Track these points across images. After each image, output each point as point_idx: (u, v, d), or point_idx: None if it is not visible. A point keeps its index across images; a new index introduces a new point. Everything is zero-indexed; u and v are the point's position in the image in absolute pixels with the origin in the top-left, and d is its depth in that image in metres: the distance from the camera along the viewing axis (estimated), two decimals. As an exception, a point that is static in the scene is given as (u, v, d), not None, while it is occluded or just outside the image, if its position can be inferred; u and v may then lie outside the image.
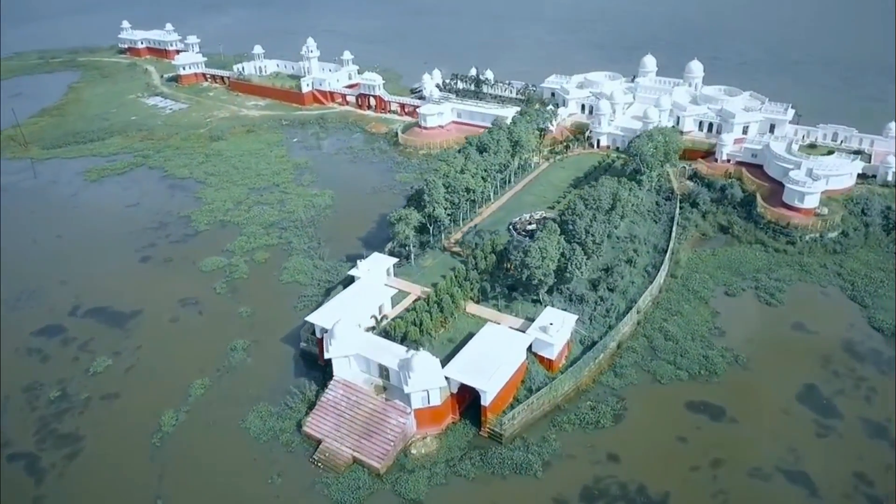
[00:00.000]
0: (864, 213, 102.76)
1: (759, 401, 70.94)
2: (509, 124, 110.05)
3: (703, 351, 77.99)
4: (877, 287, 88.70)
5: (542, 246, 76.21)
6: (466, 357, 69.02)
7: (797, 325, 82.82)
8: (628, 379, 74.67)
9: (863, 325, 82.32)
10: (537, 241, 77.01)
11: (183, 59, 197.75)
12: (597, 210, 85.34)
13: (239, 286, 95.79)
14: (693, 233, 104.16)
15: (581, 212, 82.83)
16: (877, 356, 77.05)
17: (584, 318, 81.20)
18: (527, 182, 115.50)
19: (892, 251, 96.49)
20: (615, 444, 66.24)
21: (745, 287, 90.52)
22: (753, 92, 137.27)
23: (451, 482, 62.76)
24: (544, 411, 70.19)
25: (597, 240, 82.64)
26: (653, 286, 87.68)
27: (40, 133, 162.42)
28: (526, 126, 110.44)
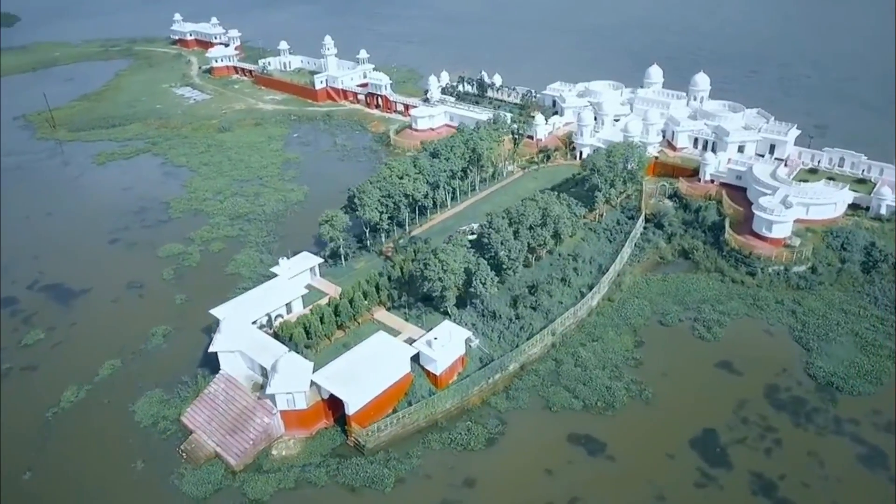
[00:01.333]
0: (844, 247, 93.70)
1: (647, 441, 66.35)
2: (470, 131, 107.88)
3: (608, 381, 73.80)
4: (830, 330, 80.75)
5: (442, 258, 74.41)
6: (341, 364, 68.57)
7: (723, 364, 76.72)
8: (518, 402, 71.79)
9: (797, 370, 75.23)
10: (439, 253, 75.25)
11: (215, 52, 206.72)
12: (520, 225, 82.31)
13: (185, 274, 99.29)
14: (650, 255, 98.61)
15: (499, 226, 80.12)
16: (798, 406, 70.24)
17: (493, 336, 78.94)
18: (492, 191, 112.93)
19: (865, 292, 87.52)
20: (477, 469, 63.90)
21: (684, 318, 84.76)
22: (761, 109, 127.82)
23: (299, 487, 62.60)
24: (418, 427, 68.74)
25: (512, 255, 79.72)
26: (578, 308, 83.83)
27: (72, 116, 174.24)
28: (489, 133, 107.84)
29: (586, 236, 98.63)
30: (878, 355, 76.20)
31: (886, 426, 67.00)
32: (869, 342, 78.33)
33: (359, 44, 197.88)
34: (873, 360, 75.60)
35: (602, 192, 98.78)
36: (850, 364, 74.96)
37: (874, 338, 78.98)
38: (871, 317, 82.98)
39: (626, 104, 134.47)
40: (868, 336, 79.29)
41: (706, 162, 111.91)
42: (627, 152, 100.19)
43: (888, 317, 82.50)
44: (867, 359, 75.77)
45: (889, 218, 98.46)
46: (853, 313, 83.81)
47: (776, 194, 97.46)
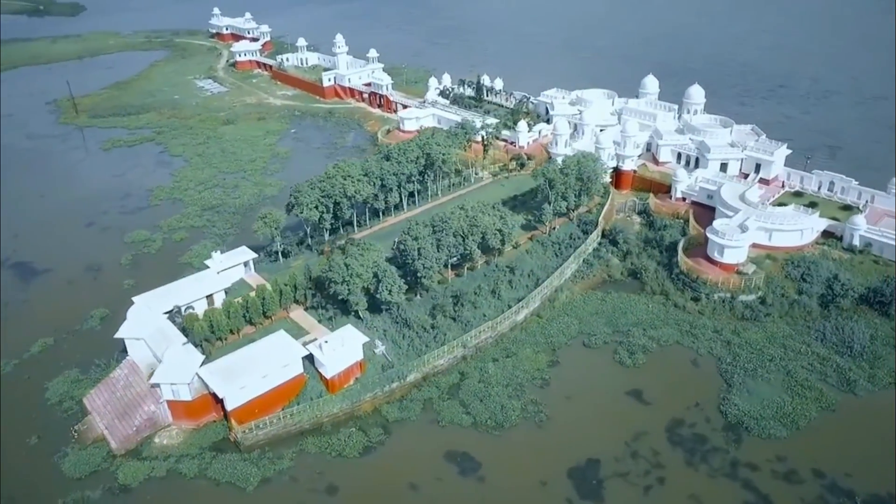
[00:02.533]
0: (804, 278, 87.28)
1: (525, 465, 64.07)
2: (427, 136, 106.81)
3: (506, 400, 71.67)
4: (761, 365, 75.49)
5: (348, 262, 74.15)
6: (232, 360, 69.59)
7: (634, 392, 73.05)
8: (409, 413, 70.78)
9: (710, 405, 70.72)
10: (344, 257, 75.01)
11: (239, 47, 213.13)
12: (443, 234, 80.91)
13: (142, 260, 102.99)
14: (598, 273, 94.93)
15: (417, 234, 79.03)
16: (697, 444, 66.07)
17: (403, 344, 78.04)
18: (452, 197, 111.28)
19: (816, 328, 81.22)
20: (343, 477, 63.43)
21: (610, 340, 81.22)
22: (755, 126, 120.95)
23: (169, 477, 63.93)
24: (302, 429, 68.84)
25: (427, 264, 78.43)
26: (498, 322, 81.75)
27: (97, 103, 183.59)
28: (448, 139, 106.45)
29: (531, 249, 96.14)
30: (805, 397, 70.80)
31: (786, 475, 62.20)
32: (800, 382, 72.86)
33: (387, 43, 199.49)
34: (797, 401, 70.29)
35: (551, 203, 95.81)
36: (770, 404, 69.99)
37: (807, 378, 73.41)
38: (812, 355, 77.14)
39: (615, 114, 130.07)
40: (801, 375, 73.76)
41: (677, 179, 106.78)
42: (583, 165, 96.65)
43: (831, 357, 76.49)
44: (791, 400, 70.56)
45: (861, 249, 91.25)
46: (794, 349, 78.11)
47: (734, 217, 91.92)
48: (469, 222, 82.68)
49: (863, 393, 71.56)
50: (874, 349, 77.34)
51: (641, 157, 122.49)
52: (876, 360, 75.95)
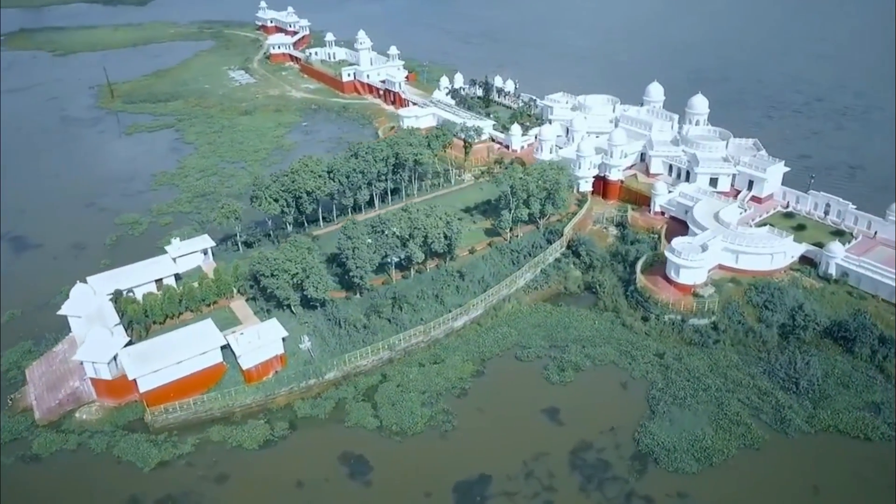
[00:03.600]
0: (767, 305, 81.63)
1: (416, 474, 63.26)
2: (399, 136, 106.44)
3: (418, 407, 70.87)
4: (693, 394, 71.28)
5: (275, 257, 75.19)
6: (154, 344, 72.16)
7: (551, 411, 70.59)
8: (320, 411, 71.23)
9: (625, 431, 67.37)
10: (275, 251, 76.09)
11: (274, 40, 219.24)
12: (381, 234, 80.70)
13: (124, 242, 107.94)
14: (554, 284, 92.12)
15: (352, 233, 79.13)
16: (598, 471, 63.20)
17: (331, 341, 78.45)
18: (429, 197, 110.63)
19: (768, 359, 75.88)
20: (236, 468, 64.58)
21: (544, 355, 78.80)
22: (757, 141, 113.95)
23: (78, 451, 67.01)
24: (213, 416, 70.50)
25: (359, 263, 78.40)
26: (432, 326, 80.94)
27: (133, 90, 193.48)
28: (420, 140, 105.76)
29: (489, 255, 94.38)
30: (729, 432, 66.43)
31: (681, 512, 58.78)
32: (729, 416, 68.41)
33: (420, 41, 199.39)
34: (720, 436, 66.05)
35: (511, 211, 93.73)
36: (689, 436, 66.08)
37: (738, 412, 68.82)
38: (753, 388, 72.26)
39: (612, 121, 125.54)
40: (733, 409, 69.22)
41: (656, 192, 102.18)
42: (545, 174, 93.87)
43: (773, 392, 71.40)
44: (713, 434, 66.39)
45: (837, 279, 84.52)
46: (735, 380, 73.39)
47: (698, 236, 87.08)
48: (410, 224, 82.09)
49: (796, 434, 66.45)
50: (824, 388, 71.62)
51: (635, 167, 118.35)
52: (823, 399, 70.32)
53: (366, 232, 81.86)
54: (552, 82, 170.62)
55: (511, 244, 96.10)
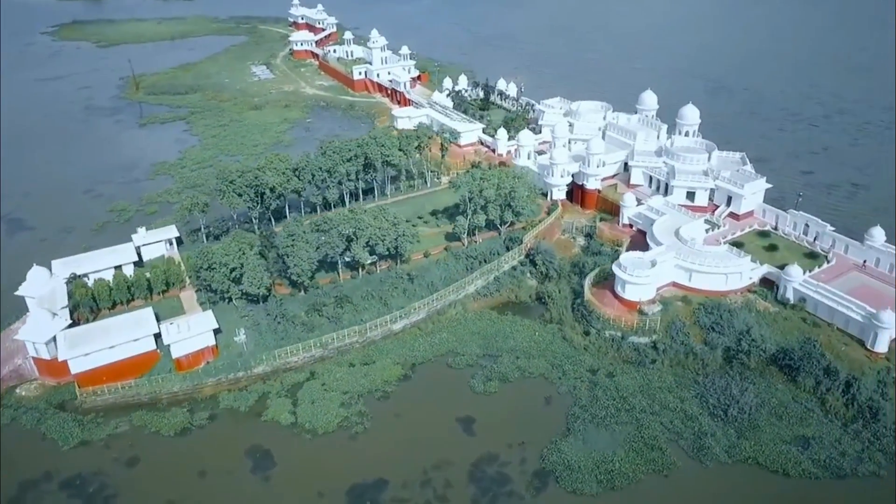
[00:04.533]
0: (714, 327, 78.35)
1: (315, 473, 63.72)
2: (369, 137, 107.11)
3: (336, 406, 71.50)
4: (615, 415, 69.23)
5: (213, 251, 77.18)
6: (90, 328, 75.32)
7: (466, 421, 69.86)
8: (240, 404, 72.68)
9: (535, 448, 65.86)
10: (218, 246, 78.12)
11: (297, 37, 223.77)
12: (324, 233, 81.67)
13: (109, 227, 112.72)
14: (506, 293, 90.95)
15: (294, 232, 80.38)
16: (496, 485, 62.18)
17: (267, 336, 79.86)
18: (401, 198, 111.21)
19: (705, 383, 72.86)
20: (148, 453, 66.70)
21: (475, 363, 78.11)
22: (744, 155, 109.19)
23: (11, 426, 70.50)
24: (140, 401, 73.04)
25: (296, 262, 79.54)
26: (368, 328, 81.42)
27: (158, 82, 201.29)
28: (392, 141, 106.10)
29: (444, 259, 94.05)
30: (641, 456, 64.34)
31: (567, 534, 57.37)
32: (646, 439, 66.26)
33: (444, 41, 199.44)
34: (629, 459, 64.08)
35: (467, 216, 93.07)
36: (597, 457, 64.31)
37: (656, 436, 66.56)
38: (680, 412, 69.71)
39: (601, 129, 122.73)
40: (651, 432, 67.00)
41: (624, 204, 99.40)
42: (501, 180, 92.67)
43: (700, 417, 68.67)
44: (624, 456, 64.43)
45: (794, 304, 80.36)
46: (663, 403, 70.92)
47: (649, 252, 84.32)
48: (355, 225, 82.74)
49: (711, 463, 63.75)
50: (755, 417, 68.35)
51: (618, 176, 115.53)
52: (751, 429, 67.12)
53: (310, 230, 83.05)
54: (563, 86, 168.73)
55: (468, 250, 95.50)
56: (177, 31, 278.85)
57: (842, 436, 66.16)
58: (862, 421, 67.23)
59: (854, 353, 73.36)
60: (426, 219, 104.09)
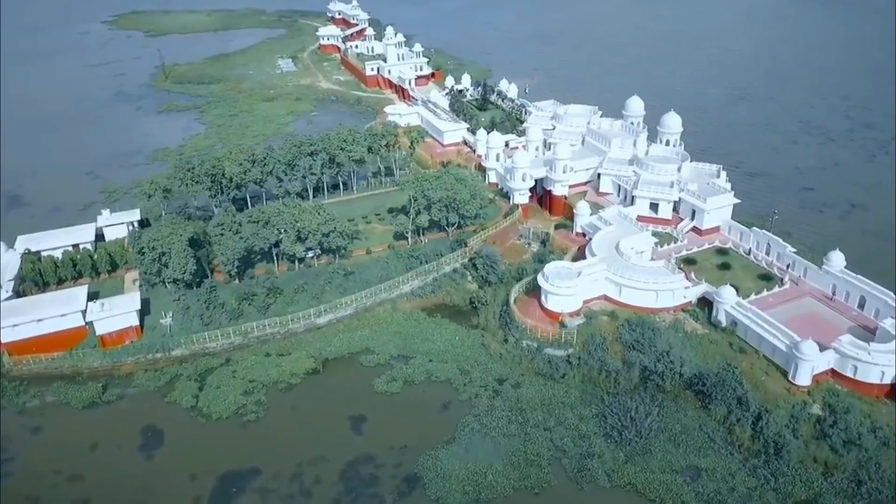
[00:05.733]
0: (634, 345, 74.80)
1: (195, 456, 65.40)
2: (331, 134, 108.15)
3: (234, 394, 72.98)
4: (504, 426, 67.44)
5: (144, 235, 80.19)
6: (24, 302, 79.98)
7: (358, 420, 69.78)
8: (151, 384, 75.49)
9: (414, 454, 64.96)
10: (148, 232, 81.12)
11: (324, 31, 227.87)
12: (256, 224, 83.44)
13: (95, 208, 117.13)
14: (442, 295, 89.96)
15: (223, 221, 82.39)
16: (362, 486, 61.94)
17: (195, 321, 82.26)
18: (365, 195, 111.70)
19: (610, 402, 69.71)
20: (52, 423, 70.51)
21: (386, 363, 77.88)
22: (721, 167, 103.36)
23: (-60, 388, 76.05)
24: (62, 373, 76.82)
25: (222, 250, 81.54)
26: (290, 320, 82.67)
27: (186, 71, 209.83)
28: (356, 138, 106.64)
29: (386, 258, 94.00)
30: (517, 472, 62.57)
31: (414, 542, 56.46)
32: (528, 454, 64.35)
33: (472, 39, 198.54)
34: (504, 473, 62.43)
35: (411, 217, 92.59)
36: (472, 468, 62.91)
37: (539, 453, 64.51)
38: (574, 430, 67.29)
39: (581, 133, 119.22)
40: (536, 448, 65.02)
41: (577, 212, 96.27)
42: (443, 182, 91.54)
43: (593, 437, 66.06)
44: (501, 470, 62.72)
45: (726, 327, 75.69)
46: (561, 419, 68.60)
47: (578, 263, 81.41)
48: (285, 219, 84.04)
49: (589, 486, 61.26)
50: (652, 442, 65.12)
51: (591, 183, 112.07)
52: (642, 454, 64.04)
53: (246, 221, 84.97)
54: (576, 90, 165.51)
55: (412, 249, 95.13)
56: (222, 23, 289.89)
57: (738, 470, 62.22)
58: (764, 457, 63.05)
59: (773, 385, 68.60)
60: (382, 216, 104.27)
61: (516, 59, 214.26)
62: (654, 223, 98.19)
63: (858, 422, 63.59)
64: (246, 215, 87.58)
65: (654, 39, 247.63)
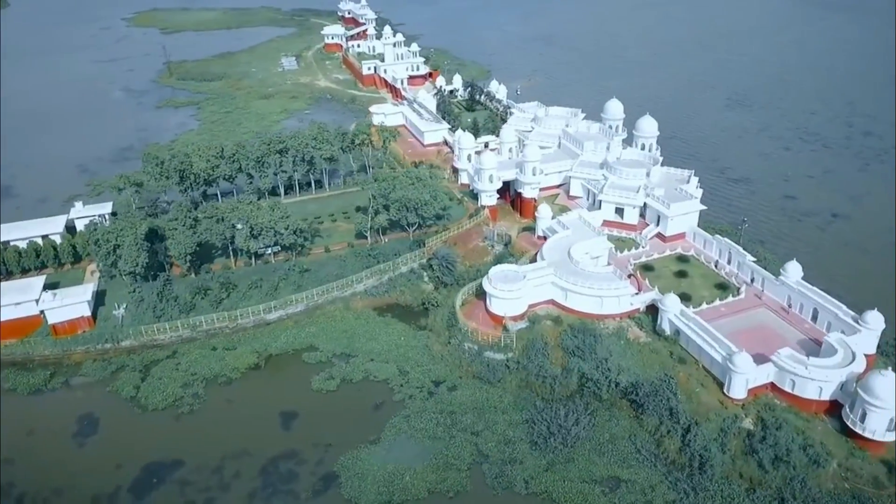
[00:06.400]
0: (574, 352, 73.65)
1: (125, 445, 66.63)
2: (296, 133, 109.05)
3: (173, 386, 74.33)
4: (430, 428, 67.13)
5: (98, 229, 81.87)
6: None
7: (289, 416, 70.26)
8: (98, 374, 77.35)
9: (337, 452, 65.05)
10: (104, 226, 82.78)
11: (329, 30, 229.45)
12: (218, 221, 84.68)
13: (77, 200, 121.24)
14: (397, 295, 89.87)
15: (181, 218, 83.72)
16: (280, 481, 62.43)
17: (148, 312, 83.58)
18: (337, 192, 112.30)
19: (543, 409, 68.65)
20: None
21: (327, 360, 78.46)
22: (692, 173, 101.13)
23: None
24: (14, 360, 78.82)
25: (174, 244, 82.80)
26: (240, 315, 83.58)
27: (191, 69, 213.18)
28: (326, 137, 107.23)
29: (344, 256, 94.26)
30: (436, 475, 62.27)
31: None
32: (449, 458, 64.05)
33: (479, 40, 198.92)
34: (423, 476, 62.17)
35: (370, 216, 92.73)
36: (391, 469, 62.83)
37: (460, 456, 64.13)
38: (502, 435, 66.62)
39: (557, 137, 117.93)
40: (459, 451, 64.72)
41: (539, 215, 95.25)
42: (398, 182, 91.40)
43: (519, 443, 65.37)
44: (419, 472, 62.47)
45: (668, 336, 74.05)
46: (490, 424, 68.16)
47: (525, 267, 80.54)
48: (243, 215, 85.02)
49: (504, 492, 60.63)
50: (577, 451, 64.14)
51: (563, 186, 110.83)
52: (564, 462, 63.14)
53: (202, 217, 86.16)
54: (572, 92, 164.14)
55: (371, 249, 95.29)
56: (236, 21, 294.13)
57: (659, 483, 60.95)
58: (688, 470, 61.59)
59: (708, 397, 66.95)
60: (350, 214, 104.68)
61: (518, 61, 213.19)
62: (620, 228, 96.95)
63: (790, 438, 61.75)
64: (202, 211, 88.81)
65: (662, 43, 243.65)
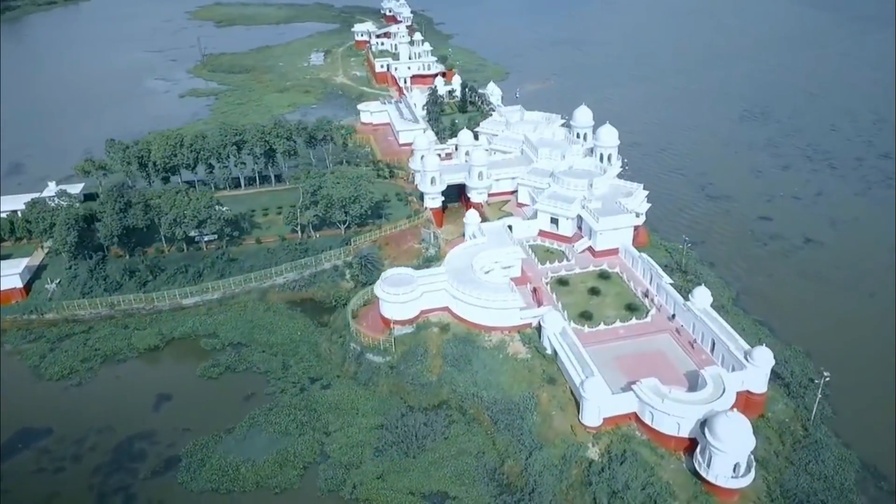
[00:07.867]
0: (454, 363, 71.74)
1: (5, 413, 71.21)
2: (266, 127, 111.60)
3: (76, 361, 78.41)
4: (287, 424, 67.66)
5: (37, 209, 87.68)
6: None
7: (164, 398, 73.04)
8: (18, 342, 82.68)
9: (194, 437, 66.82)
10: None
11: (359, 27, 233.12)
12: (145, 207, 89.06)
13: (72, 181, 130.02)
14: (313, 290, 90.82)
15: (110, 203, 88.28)
16: (125, 459, 65.02)
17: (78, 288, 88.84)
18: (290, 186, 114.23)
19: (396, 419, 67.62)
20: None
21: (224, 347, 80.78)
22: (640, 186, 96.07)
23: None
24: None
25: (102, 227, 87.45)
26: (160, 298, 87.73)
27: (224, 61, 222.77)
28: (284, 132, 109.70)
29: (273, 249, 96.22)
30: (271, 470, 62.97)
31: (136, 519, 58.42)
32: (292, 454, 64.60)
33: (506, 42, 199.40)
34: (259, 470, 63.10)
35: (299, 211, 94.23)
36: (233, 459, 64.06)
37: (302, 454, 64.59)
38: (351, 438, 66.35)
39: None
40: (301, 450, 65.25)
41: (466, 221, 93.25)
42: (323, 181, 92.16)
43: (365, 448, 64.77)
44: (258, 466, 63.43)
45: (548, 355, 70.81)
46: (346, 425, 67.89)
47: (421, 272, 79.21)
48: (167, 204, 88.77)
49: (328, 496, 60.50)
50: (415, 463, 62.76)
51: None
52: (400, 472, 61.97)
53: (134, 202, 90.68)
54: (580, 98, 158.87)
55: (301, 243, 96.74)
56: (285, 17, 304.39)
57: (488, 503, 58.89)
58: (520, 495, 59.06)
59: (562, 421, 63.77)
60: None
61: (540, 63, 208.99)
62: (554, 239, 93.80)
63: (632, 474, 57.96)
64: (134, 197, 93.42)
65: (697, 50, 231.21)
